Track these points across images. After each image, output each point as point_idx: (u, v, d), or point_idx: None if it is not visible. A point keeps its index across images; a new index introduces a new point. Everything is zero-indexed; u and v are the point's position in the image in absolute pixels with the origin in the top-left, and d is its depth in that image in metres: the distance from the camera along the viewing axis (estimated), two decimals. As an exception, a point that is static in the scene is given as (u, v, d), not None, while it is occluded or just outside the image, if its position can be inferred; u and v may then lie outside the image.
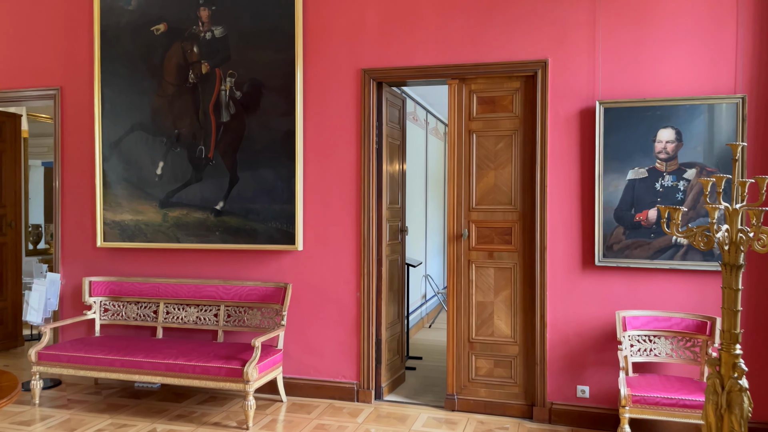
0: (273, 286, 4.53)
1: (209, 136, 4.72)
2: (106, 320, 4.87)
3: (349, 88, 4.47)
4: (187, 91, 4.75)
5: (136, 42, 4.84)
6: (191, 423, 4.00)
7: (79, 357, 4.23)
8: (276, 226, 4.56)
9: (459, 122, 4.30)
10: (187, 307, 4.72)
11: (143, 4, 4.81)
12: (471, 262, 4.28)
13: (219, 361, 3.98)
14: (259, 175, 4.60)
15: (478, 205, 4.27)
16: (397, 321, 4.87)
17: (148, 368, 4.07)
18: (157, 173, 4.83)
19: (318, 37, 4.52)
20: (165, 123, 4.80)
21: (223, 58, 4.66)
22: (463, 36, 4.24)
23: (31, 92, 5.22)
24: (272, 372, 4.23)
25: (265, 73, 4.57)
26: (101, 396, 4.57)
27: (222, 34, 4.66)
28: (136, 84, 4.85)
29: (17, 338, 6.13)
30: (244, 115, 4.62)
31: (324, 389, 4.50)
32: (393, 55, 4.39)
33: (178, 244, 4.77)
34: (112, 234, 4.93)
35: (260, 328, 4.55)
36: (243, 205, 4.63)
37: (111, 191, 4.93)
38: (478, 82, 4.26)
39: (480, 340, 4.26)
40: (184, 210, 4.77)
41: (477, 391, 4.26)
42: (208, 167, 4.72)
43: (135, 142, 4.87)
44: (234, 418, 4.09)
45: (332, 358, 4.50)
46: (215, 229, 4.69)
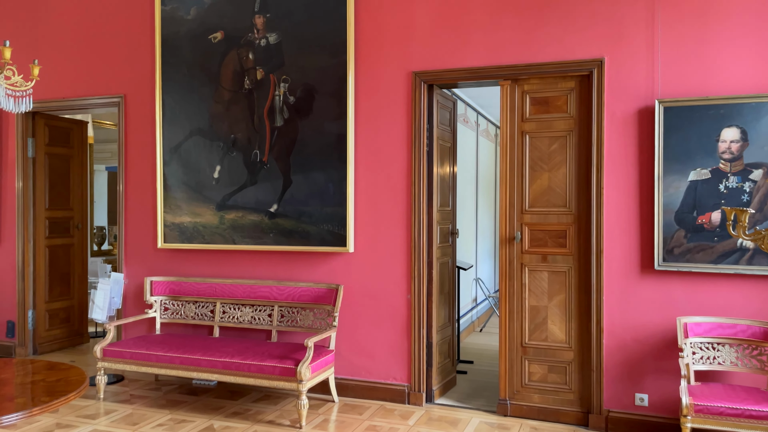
0: (325, 287, 4.59)
1: (264, 141, 4.83)
2: (166, 319, 5.05)
3: (399, 91, 4.50)
4: (243, 97, 4.88)
5: (195, 50, 5.01)
6: (246, 420, 4.10)
7: (141, 354, 4.40)
8: (327, 228, 4.62)
9: (511, 123, 4.25)
10: (243, 307, 4.85)
11: (201, 14, 4.98)
12: (524, 265, 4.21)
13: (273, 360, 4.06)
14: (312, 178, 4.67)
15: (532, 208, 4.21)
16: (447, 324, 4.85)
17: (205, 366, 4.20)
18: (214, 177, 4.98)
19: (369, 41, 4.56)
20: (222, 128, 4.95)
21: (278, 64, 4.76)
22: (515, 36, 4.20)
23: (97, 100, 5.48)
24: (324, 372, 4.28)
25: (318, 78, 4.64)
26: (161, 392, 4.74)
27: (276, 40, 4.77)
28: (195, 91, 5.02)
29: (83, 335, 6.43)
30: (297, 120, 4.71)
31: (375, 391, 4.53)
32: (444, 57, 4.38)
33: (234, 245, 4.90)
34: (172, 235, 5.11)
35: (312, 328, 4.62)
36: (296, 208, 4.72)
37: (171, 194, 5.11)
38: (531, 82, 4.20)
39: (533, 344, 4.19)
40: (240, 212, 4.90)
41: (530, 396, 4.19)
42: (262, 171, 4.83)
43: (193, 147, 5.04)
44: (287, 417, 4.16)
45: (383, 360, 4.53)
46: (269, 231, 4.80)
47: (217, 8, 4.93)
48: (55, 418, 4.13)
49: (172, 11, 5.07)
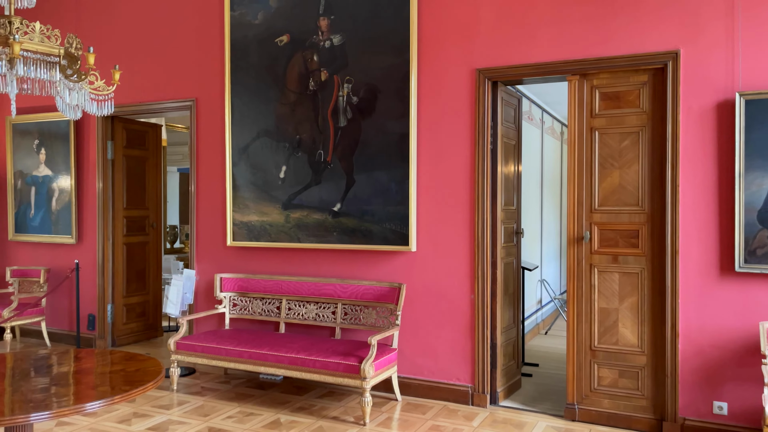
0: (387, 286, 4.61)
1: (328, 141, 4.90)
2: (234, 314, 5.21)
3: (463, 89, 4.45)
4: (308, 98, 4.97)
5: (262, 54, 5.15)
6: (312, 416, 4.17)
7: (211, 348, 4.56)
8: (390, 227, 4.64)
9: (579, 120, 4.13)
10: (307, 304, 4.93)
11: (268, 18, 5.11)
12: (593, 266, 4.08)
13: (337, 357, 4.11)
14: (374, 177, 4.70)
15: (601, 207, 4.07)
16: (512, 326, 4.76)
17: (272, 361, 4.30)
18: (280, 177, 5.10)
19: (432, 40, 4.54)
20: (287, 129, 5.06)
21: (341, 65, 4.82)
22: (583, 29, 4.07)
23: (171, 104, 5.72)
24: (387, 370, 4.30)
25: (381, 78, 4.67)
26: (230, 385, 4.90)
27: (340, 41, 4.83)
28: (262, 93, 5.16)
29: (157, 329, 6.73)
30: (360, 120, 4.75)
31: (438, 390, 4.50)
32: (508, 54, 4.31)
33: (299, 243, 5.00)
34: (240, 234, 5.27)
35: (375, 326, 4.64)
36: (359, 207, 4.76)
37: (239, 194, 5.27)
38: (601, 77, 4.06)
39: (603, 348, 4.05)
40: (305, 211, 4.99)
41: (600, 401, 4.05)
42: (326, 170, 4.91)
43: (261, 148, 5.18)
44: (351, 414, 4.21)
45: (446, 360, 4.50)
46: (333, 229, 4.86)
47: (283, 12, 5.05)
48: (132, 408, 4.34)
49: (241, 16, 5.23)
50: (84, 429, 3.92)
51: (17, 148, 6.58)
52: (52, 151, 6.35)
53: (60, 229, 6.30)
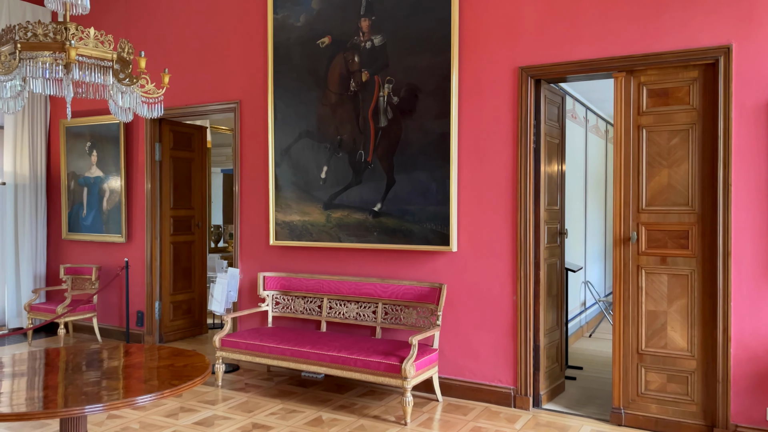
0: (428, 286, 4.60)
1: (368, 141, 4.92)
2: (277, 312, 5.29)
3: (505, 87, 4.41)
4: (349, 99, 5.01)
5: (304, 55, 5.21)
6: (353, 414, 4.20)
7: (255, 345, 4.64)
8: (431, 227, 4.62)
9: (626, 117, 4.03)
10: (348, 303, 4.97)
11: (310, 20, 5.17)
12: (640, 267, 3.98)
13: (378, 356, 4.13)
14: (415, 177, 4.70)
15: (649, 207, 3.96)
16: (555, 328, 4.69)
17: (314, 359, 4.35)
18: (321, 177, 5.15)
19: (473, 38, 4.51)
20: (329, 130, 5.11)
21: (382, 66, 4.84)
22: (630, 25, 3.98)
23: (216, 106, 5.85)
24: (428, 371, 4.29)
25: (421, 78, 4.66)
26: (273, 382, 4.97)
27: (381, 42, 4.85)
28: (304, 95, 5.23)
29: (202, 326, 6.90)
30: (401, 120, 4.76)
31: (479, 392, 4.47)
32: (552, 51, 4.24)
33: (340, 243, 5.04)
34: (283, 233, 5.35)
35: (416, 326, 4.64)
36: (399, 207, 4.77)
37: (282, 194, 5.35)
38: (649, 73, 3.96)
39: (650, 352, 3.94)
40: (346, 211, 5.03)
41: (647, 406, 3.94)
42: (367, 170, 4.93)
43: (302, 149, 5.24)
44: (392, 413, 4.21)
45: (488, 361, 4.46)
46: (373, 229, 4.88)
47: (325, 14, 5.10)
48: (179, 402, 4.46)
49: (283, 19, 5.30)
50: (133, 422, 4.05)
51: (71, 150, 6.85)
52: (103, 153, 6.58)
53: (110, 228, 6.52)
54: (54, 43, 2.74)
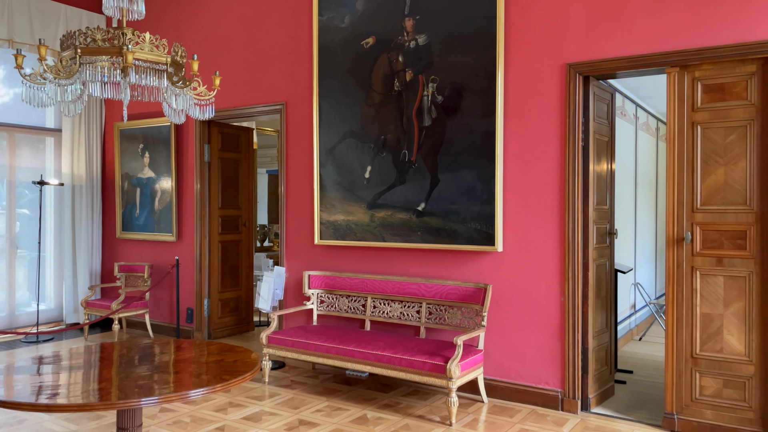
0: (473, 286, 4.56)
1: (412, 141, 4.92)
2: (322, 311, 5.35)
3: (552, 85, 4.34)
4: (392, 99, 5.02)
5: (348, 56, 5.25)
6: (398, 413, 4.21)
7: (301, 342, 4.70)
8: (475, 227, 4.59)
9: (680, 114, 3.90)
10: (392, 303, 4.98)
11: (354, 21, 5.21)
12: (695, 269, 3.84)
13: (423, 356, 4.12)
14: (459, 176, 4.67)
15: (704, 206, 3.82)
16: (604, 330, 4.58)
17: (358, 357, 4.38)
18: (365, 177, 5.18)
19: (520, 36, 4.45)
20: (372, 130, 5.13)
21: (426, 65, 4.83)
22: (683, 18, 3.85)
23: (262, 108, 5.96)
24: (473, 372, 4.26)
25: (466, 76, 4.63)
26: (318, 380, 5.03)
27: (425, 41, 4.84)
28: (348, 95, 5.26)
29: (249, 323, 7.04)
30: (445, 119, 4.74)
31: (525, 394, 4.40)
32: (601, 47, 4.15)
33: (384, 243, 5.05)
34: (327, 233, 5.41)
35: (460, 327, 4.61)
36: (443, 206, 4.75)
37: (326, 194, 5.41)
38: (703, 68, 3.82)
39: (705, 356, 3.81)
40: (389, 211, 5.04)
41: (701, 412, 3.81)
42: (410, 170, 4.93)
43: (347, 149, 5.28)
44: (437, 413, 4.20)
45: (534, 363, 4.39)
46: (417, 229, 4.88)
47: (369, 14, 5.13)
48: (227, 398, 4.56)
49: (328, 21, 5.36)
50: (185, 416, 4.17)
51: (124, 152, 7.10)
52: (155, 155, 6.80)
53: (162, 227, 6.73)
54: (112, 48, 2.85)
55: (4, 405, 2.50)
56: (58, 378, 2.93)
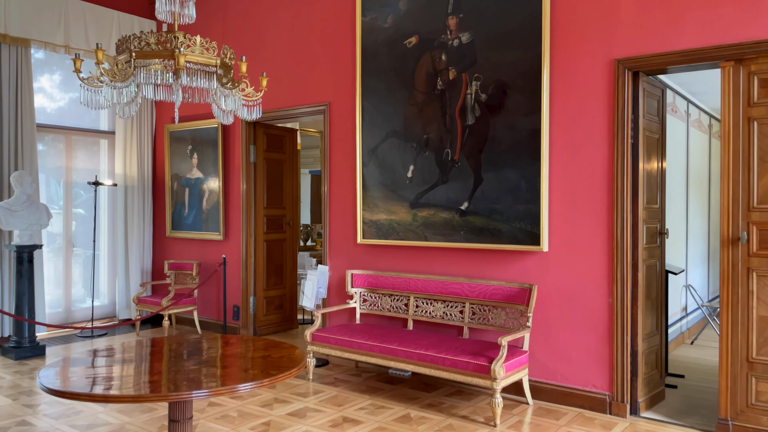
0: (517, 286, 4.51)
1: (455, 140, 4.90)
2: (364, 309, 5.38)
3: (599, 81, 4.24)
4: (435, 98, 5.01)
5: (391, 56, 5.27)
6: (441, 413, 4.19)
7: (344, 341, 4.74)
8: (520, 227, 4.53)
9: (734, 110, 3.76)
10: (435, 302, 4.97)
11: (397, 21, 5.22)
12: (751, 270, 3.69)
13: (466, 356, 4.10)
14: (503, 175, 4.62)
15: (761, 204, 3.67)
16: (654, 333, 4.45)
17: (401, 356, 4.38)
18: (407, 176, 5.18)
19: (566, 32, 4.38)
20: (415, 129, 5.13)
21: (469, 63, 4.80)
22: (738, 11, 3.71)
23: (306, 109, 6.04)
24: (518, 373, 4.21)
25: (510, 74, 4.58)
26: (361, 378, 5.06)
27: (468, 39, 4.81)
28: (391, 95, 5.28)
29: (293, 321, 7.14)
30: (489, 117, 4.70)
31: (571, 397, 4.32)
32: (651, 41, 4.04)
33: (426, 242, 5.05)
34: (370, 232, 5.44)
35: (505, 327, 4.56)
36: (487, 206, 4.70)
37: (368, 194, 5.44)
38: (760, 62, 3.67)
39: (762, 360, 3.65)
40: (432, 210, 5.03)
41: (758, 418, 3.66)
42: (453, 169, 4.91)
43: (389, 149, 5.30)
44: (481, 414, 4.17)
45: (581, 366, 4.31)
46: (460, 228, 4.85)
47: (412, 14, 5.13)
48: (273, 394, 4.64)
49: (371, 21, 5.39)
50: (232, 410, 4.26)
51: (173, 153, 7.31)
52: (202, 156, 6.97)
53: (209, 226, 6.90)
54: (164, 51, 2.95)
55: (62, 395, 2.61)
56: (111, 371, 3.04)
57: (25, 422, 4.01)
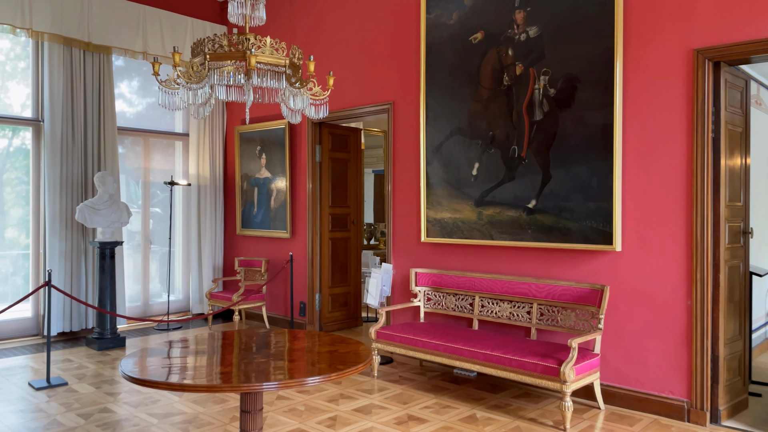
0: (588, 287, 4.36)
1: (522, 136, 4.80)
2: (428, 308, 5.36)
3: (677, 72, 4.04)
4: (501, 93, 4.92)
5: (455, 53, 5.22)
6: (508, 415, 4.11)
7: (408, 339, 4.74)
8: (591, 225, 4.38)
9: (831, 98, 3.48)
10: (501, 302, 4.88)
11: (462, 17, 5.17)
12: None
13: (534, 357, 4.00)
14: (573, 172, 4.48)
15: None
16: (737, 337, 4.19)
17: (467, 356, 4.33)
18: (472, 174, 5.12)
19: (640, 22, 4.19)
20: (480, 126, 5.06)
21: (537, 57, 4.68)
22: (837, -9, 3.43)
23: (370, 108, 6.08)
24: (589, 376, 4.07)
25: (580, 67, 4.44)
26: (426, 377, 5.04)
27: (536, 33, 4.70)
28: (455, 92, 5.23)
29: (357, 319, 7.20)
30: (558, 112, 4.57)
31: (646, 402, 4.14)
32: (733, 29, 3.80)
33: (492, 241, 4.97)
34: (433, 230, 5.41)
35: (574, 329, 4.42)
36: (555, 204, 4.58)
37: (432, 192, 5.41)
38: None
39: None
40: (498, 208, 4.95)
41: None
42: (520, 166, 4.80)
43: (453, 146, 5.25)
44: (549, 417, 4.06)
45: (656, 370, 4.11)
46: (527, 227, 4.74)
47: (478, 9, 5.06)
48: (338, 389, 4.70)
49: (436, 18, 5.36)
50: (299, 404, 4.34)
51: (243, 154, 7.54)
52: (270, 156, 7.16)
53: (277, 224, 7.07)
54: (236, 53, 3.04)
55: (141, 383, 2.74)
56: (186, 361, 3.16)
57: (107, 409, 4.24)
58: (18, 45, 6.47)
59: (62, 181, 6.38)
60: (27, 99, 6.50)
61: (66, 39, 6.35)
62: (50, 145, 6.30)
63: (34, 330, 6.48)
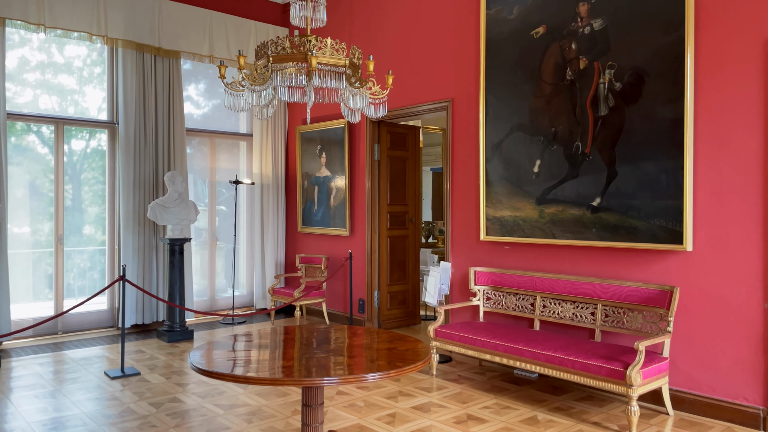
0: (656, 288, 4.19)
1: (586, 132, 4.66)
2: (488, 308, 5.30)
3: (752, 63, 3.82)
4: (564, 89, 4.80)
5: (516, 48, 5.13)
6: (571, 418, 4.02)
7: (468, 338, 4.70)
8: (659, 224, 4.21)
9: None
10: (563, 303, 4.77)
11: (523, 12, 5.07)
12: None
13: (598, 360, 3.89)
14: (640, 169, 4.32)
15: None
16: (822, 343, 3.93)
17: (528, 357, 4.26)
18: (534, 171, 5.02)
19: (711, 11, 3.99)
20: (542, 123, 4.96)
21: (602, 51, 4.54)
22: None
23: (428, 106, 6.06)
24: (656, 381, 3.91)
25: (648, 60, 4.27)
26: (485, 377, 4.99)
27: (601, 26, 4.55)
28: (516, 88, 5.14)
29: (416, 317, 7.21)
30: (624, 107, 4.41)
31: (718, 409, 3.94)
32: (821, 14, 3.56)
33: (554, 240, 4.86)
34: (493, 229, 5.34)
35: (641, 332, 4.27)
36: (621, 201, 4.43)
37: (492, 190, 5.34)
38: None
39: None
40: (560, 206, 4.83)
41: None
42: (584, 163, 4.67)
43: (514, 143, 5.17)
44: (614, 422, 3.93)
45: (730, 376, 3.91)
46: (591, 225, 4.61)
47: (539, 3, 4.96)
48: (397, 387, 4.72)
49: (496, 13, 5.29)
50: (359, 400, 4.40)
51: (304, 153, 7.69)
52: (330, 155, 7.27)
53: (336, 222, 7.17)
54: (298, 54, 3.11)
55: (208, 374, 2.84)
56: (249, 355, 3.26)
57: (176, 399, 4.43)
58: (94, 51, 6.84)
59: (135, 181, 6.70)
60: (103, 102, 6.87)
61: (138, 45, 6.67)
62: (124, 147, 6.63)
63: (110, 322, 6.85)
